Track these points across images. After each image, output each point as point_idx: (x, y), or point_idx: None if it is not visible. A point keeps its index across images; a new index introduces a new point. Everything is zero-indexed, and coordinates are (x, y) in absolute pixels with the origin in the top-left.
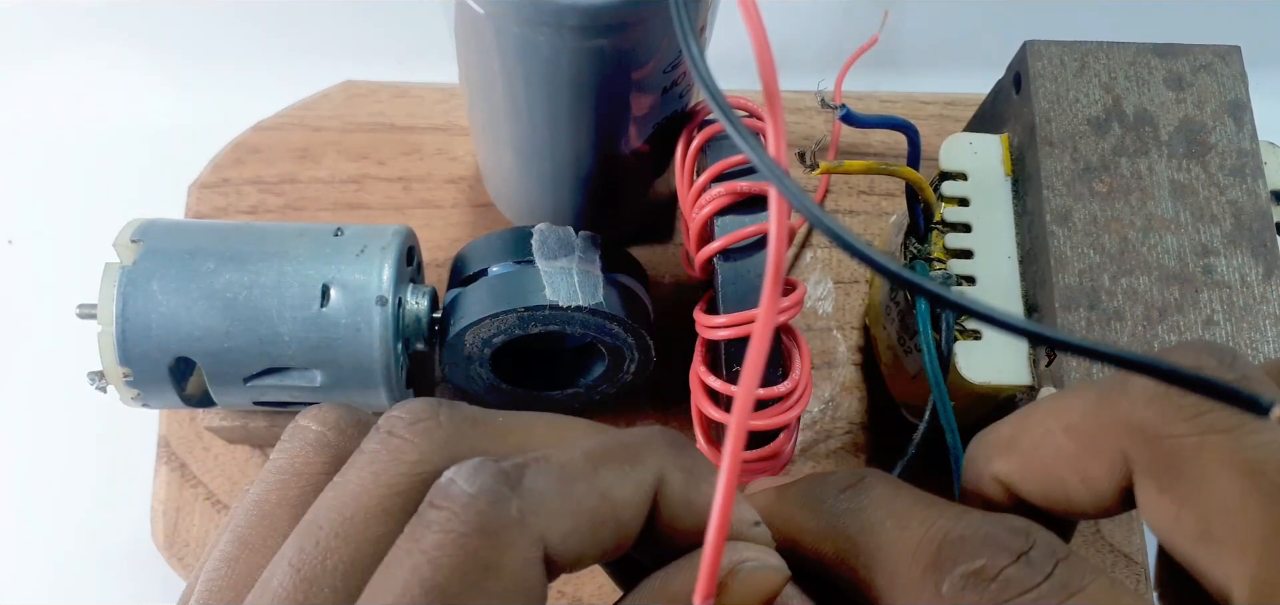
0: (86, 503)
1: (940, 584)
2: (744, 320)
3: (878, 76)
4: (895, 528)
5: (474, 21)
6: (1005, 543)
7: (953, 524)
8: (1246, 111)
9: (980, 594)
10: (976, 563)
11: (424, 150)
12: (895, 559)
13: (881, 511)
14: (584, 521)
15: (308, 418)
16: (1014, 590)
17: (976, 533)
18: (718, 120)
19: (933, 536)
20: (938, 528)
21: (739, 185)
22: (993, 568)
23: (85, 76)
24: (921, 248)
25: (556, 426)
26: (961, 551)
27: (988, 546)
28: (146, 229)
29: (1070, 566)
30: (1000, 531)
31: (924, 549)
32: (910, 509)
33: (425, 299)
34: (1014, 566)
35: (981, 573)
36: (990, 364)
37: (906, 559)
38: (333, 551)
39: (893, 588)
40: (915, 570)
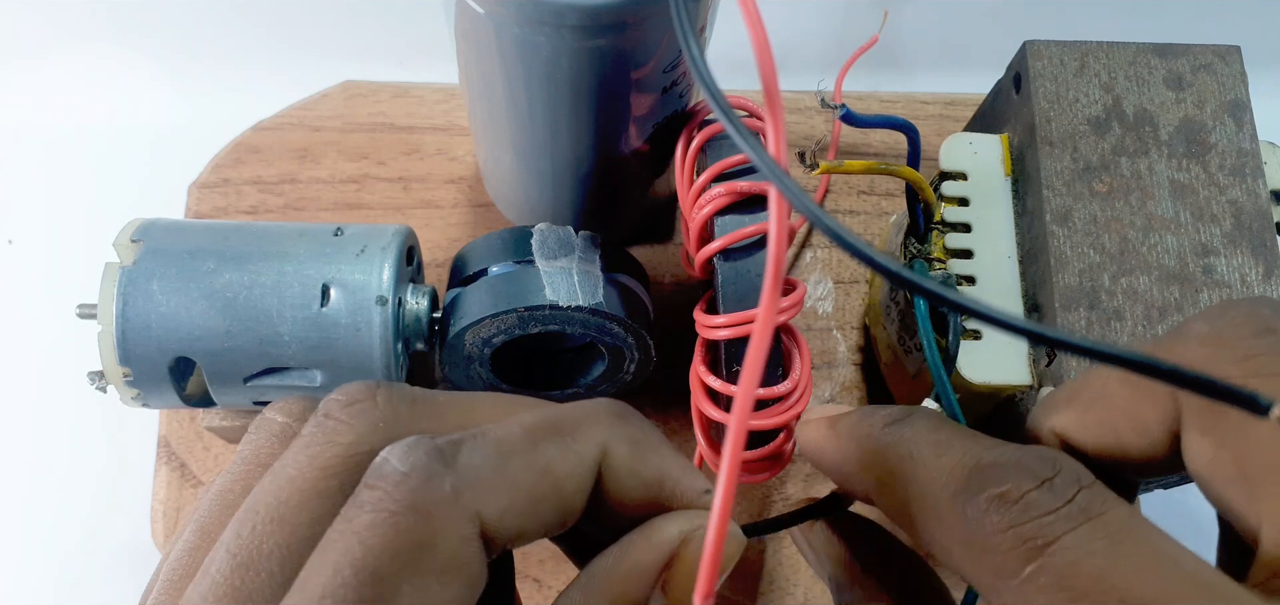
0: (86, 503)
1: (966, 506)
2: (744, 320)
3: (878, 76)
4: (933, 456)
5: (474, 21)
6: (1032, 468)
7: (985, 452)
8: (1246, 111)
9: (1002, 515)
10: (1002, 486)
11: (424, 150)
12: (930, 485)
13: (923, 441)
14: (522, 496)
15: (272, 409)
16: (1034, 512)
17: (1006, 458)
18: (718, 120)
19: (965, 464)
20: (971, 455)
21: (739, 185)
22: (1016, 491)
23: (85, 76)
24: (921, 248)
25: (499, 404)
26: (990, 476)
27: (1014, 471)
28: (147, 229)
29: (1092, 493)
30: (1029, 459)
31: (956, 475)
32: (951, 440)
33: (425, 299)
34: (1037, 491)
35: (1006, 496)
36: (990, 364)
37: (940, 485)
38: (268, 535)
39: (925, 513)
40: (946, 495)
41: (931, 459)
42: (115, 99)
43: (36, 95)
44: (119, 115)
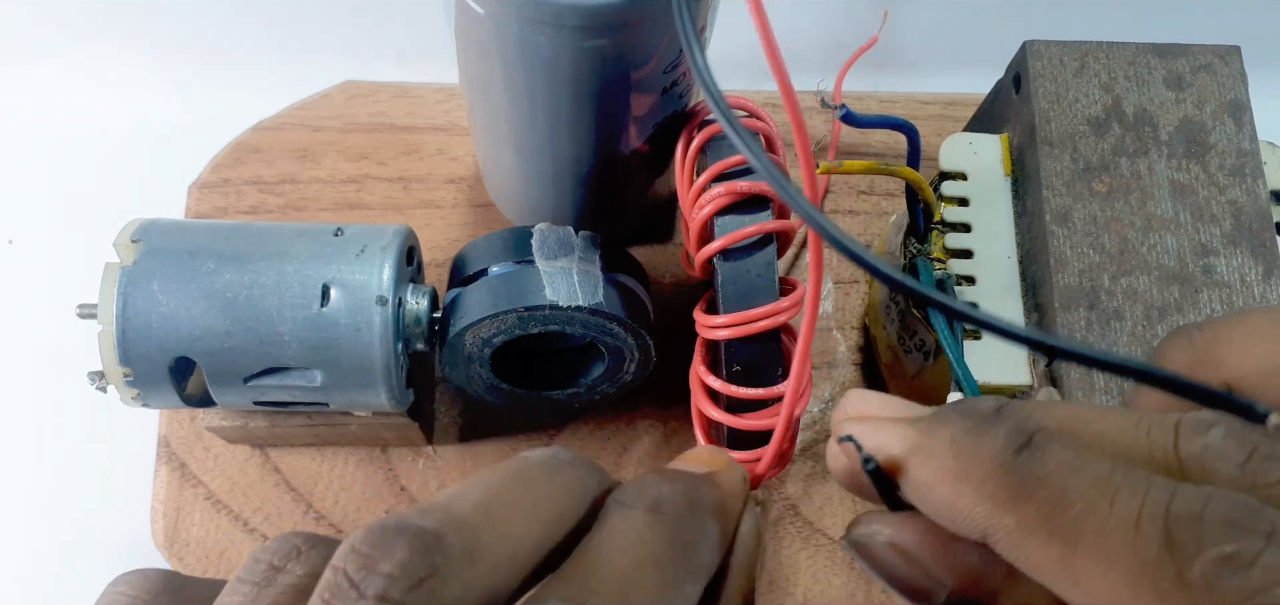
0: (86, 503)
1: (1186, 569)
2: (744, 320)
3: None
4: (1103, 499)
5: (474, 21)
6: (1250, 524)
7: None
8: (1246, 111)
9: (1242, 579)
10: (1225, 545)
11: (424, 150)
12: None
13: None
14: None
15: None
16: (1275, 576)
17: (1211, 511)
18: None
19: (1154, 510)
20: (1155, 502)
21: (739, 185)
22: (1249, 552)
23: (85, 76)
24: (921, 248)
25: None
26: (1204, 531)
27: (1232, 529)
28: (147, 229)
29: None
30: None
31: (1150, 524)
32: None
33: (425, 299)
34: (1269, 551)
35: (1236, 559)
36: (989, 364)
37: (1127, 532)
38: None
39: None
40: (1145, 548)
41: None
42: (115, 99)
43: (36, 95)
44: (119, 115)
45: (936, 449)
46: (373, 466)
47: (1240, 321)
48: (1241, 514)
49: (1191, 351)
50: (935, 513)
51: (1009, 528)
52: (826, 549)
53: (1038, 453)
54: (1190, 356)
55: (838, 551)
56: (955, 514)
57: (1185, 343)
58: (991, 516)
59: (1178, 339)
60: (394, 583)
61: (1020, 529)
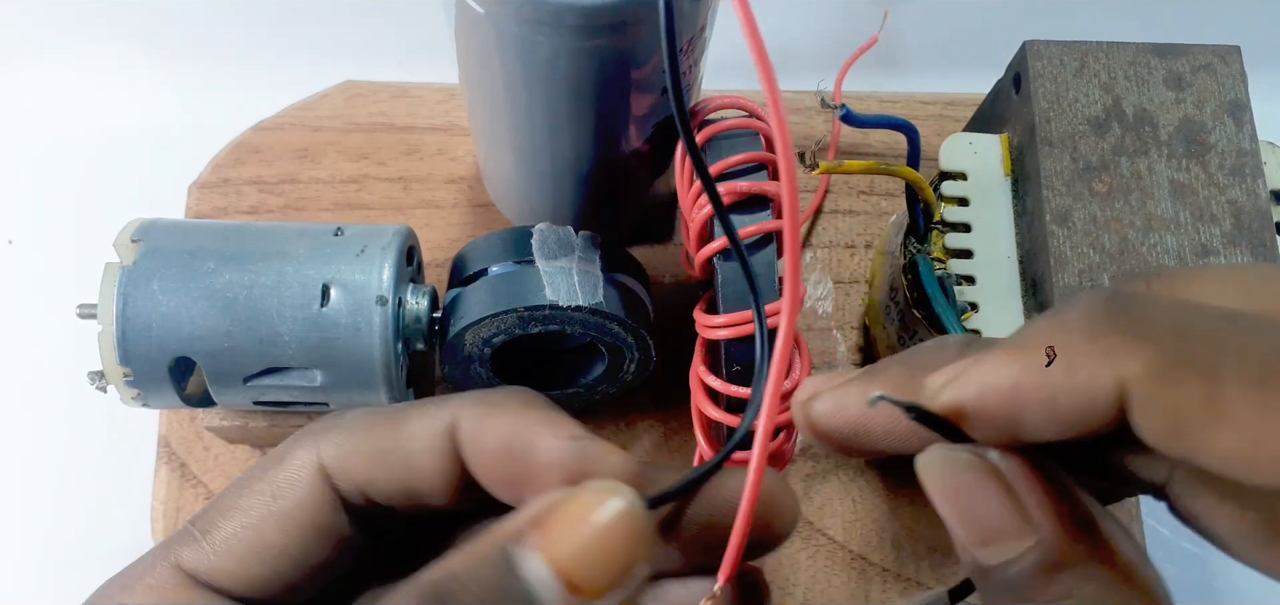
0: (86, 503)
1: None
2: (744, 320)
3: (878, 76)
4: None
5: (474, 21)
6: None
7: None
8: (1246, 111)
9: None
10: None
11: (424, 150)
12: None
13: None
14: (366, 442)
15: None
16: None
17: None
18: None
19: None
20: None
21: (739, 185)
22: None
23: (85, 76)
24: (921, 247)
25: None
26: None
27: None
28: (147, 229)
29: None
30: None
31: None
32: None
33: (425, 299)
34: None
35: None
36: None
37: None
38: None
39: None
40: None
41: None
42: (115, 99)
43: (36, 95)
44: (119, 115)
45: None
46: None
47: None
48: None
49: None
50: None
51: (1140, 376)
52: (826, 549)
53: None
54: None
55: (838, 551)
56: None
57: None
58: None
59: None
60: None
61: (1153, 373)
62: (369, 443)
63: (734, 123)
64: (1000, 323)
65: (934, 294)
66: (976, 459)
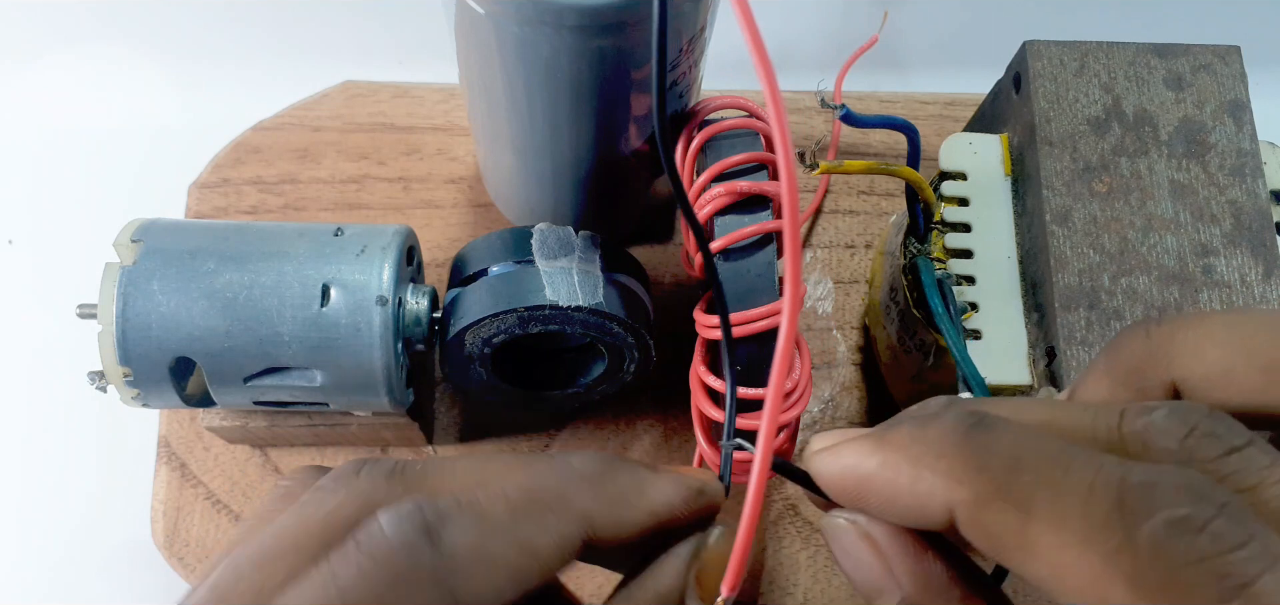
0: (86, 503)
1: (1135, 531)
2: (744, 320)
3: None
4: (1054, 469)
5: (474, 21)
6: (1205, 493)
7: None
8: (1246, 111)
9: (1190, 543)
10: (1181, 511)
11: (424, 150)
12: (1059, 499)
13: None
14: (500, 574)
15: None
16: (1225, 545)
17: (1165, 480)
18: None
19: (1108, 481)
20: (1108, 472)
21: (739, 185)
22: (1199, 518)
23: (85, 76)
24: (921, 247)
25: (478, 468)
26: (1155, 498)
27: (1187, 495)
28: (147, 229)
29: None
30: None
31: (1102, 492)
32: (1062, 449)
33: (425, 299)
34: (1220, 519)
35: (1187, 523)
36: (990, 363)
37: (1079, 498)
38: (246, 575)
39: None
40: (1095, 513)
41: (1055, 472)
42: (115, 99)
43: (36, 95)
44: (119, 115)
45: (893, 443)
46: None
47: (1197, 322)
48: (1197, 483)
49: (1146, 345)
50: (899, 509)
51: (967, 501)
52: (826, 549)
53: (990, 428)
54: (1144, 350)
55: None
56: (916, 499)
57: (1141, 337)
58: (950, 491)
59: (1136, 332)
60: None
61: (977, 501)
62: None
63: (734, 123)
64: (1000, 323)
65: (932, 301)
66: (856, 524)
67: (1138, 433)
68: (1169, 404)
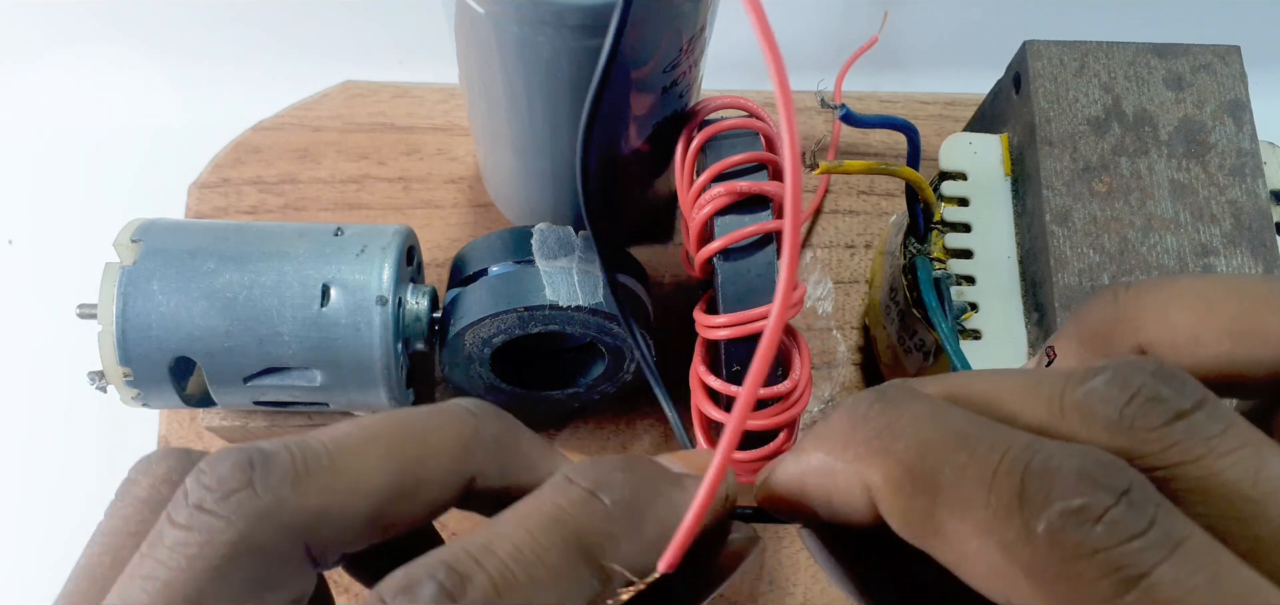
0: (86, 503)
1: (1033, 521)
2: (744, 320)
3: (878, 76)
4: (960, 451)
5: (474, 21)
6: (1104, 480)
7: (1028, 452)
8: (1246, 111)
9: (1084, 536)
10: (1075, 499)
11: (424, 150)
12: (963, 485)
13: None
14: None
15: (137, 470)
16: (1121, 535)
17: (1066, 465)
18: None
19: (1011, 466)
20: (1014, 455)
21: (739, 185)
22: (1096, 507)
23: (85, 76)
24: (921, 247)
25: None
26: (1054, 485)
27: (1084, 483)
28: (147, 229)
29: (1168, 512)
30: (1092, 465)
31: (1004, 479)
32: (967, 428)
33: (425, 299)
34: (1117, 507)
35: (1083, 512)
36: (990, 364)
37: (982, 487)
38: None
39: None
40: (996, 501)
41: (959, 455)
42: (115, 99)
43: (36, 95)
44: (119, 115)
45: (810, 443)
46: None
47: (1166, 286)
48: (1098, 469)
49: (1115, 309)
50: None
51: (877, 485)
52: None
53: (890, 404)
54: (1112, 314)
55: None
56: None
57: (1110, 301)
58: (863, 477)
59: (1103, 297)
60: (208, 494)
61: (886, 484)
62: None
63: (734, 123)
64: (1000, 323)
65: (929, 300)
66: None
67: (1078, 402)
68: (1113, 366)
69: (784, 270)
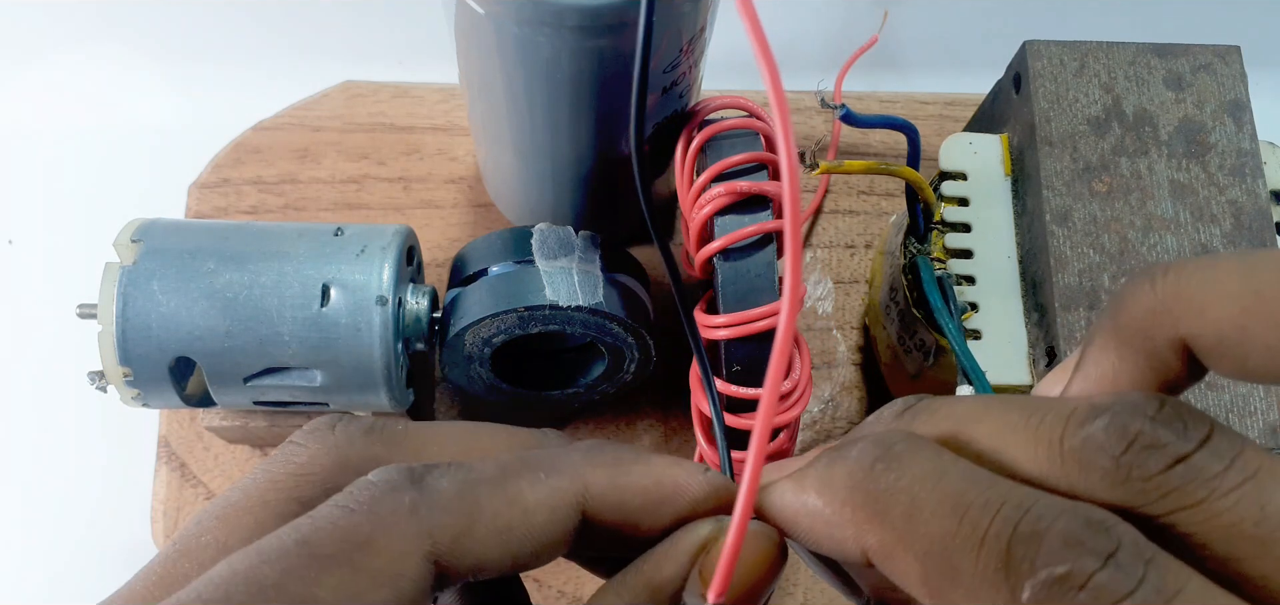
0: (86, 503)
1: (1019, 589)
2: (744, 320)
3: (878, 76)
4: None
5: (474, 22)
6: (1090, 543)
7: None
8: (1246, 111)
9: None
10: (1059, 565)
11: (424, 150)
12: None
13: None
14: (484, 525)
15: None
16: (1107, 599)
17: (1053, 528)
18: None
19: (999, 531)
20: (1002, 520)
21: (739, 185)
22: (1080, 573)
23: (85, 76)
24: (921, 247)
25: (464, 434)
26: (1039, 552)
27: (1069, 548)
28: (147, 229)
29: (1161, 567)
30: (1078, 527)
31: (991, 545)
32: (964, 488)
33: (425, 299)
34: (1103, 571)
35: (1068, 579)
36: (990, 364)
37: (971, 553)
38: (208, 530)
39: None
40: (984, 568)
41: (949, 522)
42: (115, 99)
43: (36, 95)
44: (119, 115)
45: (807, 486)
46: None
47: (1208, 269)
48: (1084, 532)
49: (1153, 299)
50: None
51: (874, 547)
52: None
53: (892, 464)
54: (1151, 304)
55: None
56: (835, 544)
57: (1147, 288)
58: (858, 539)
59: (1140, 285)
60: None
61: (882, 548)
62: (485, 525)
63: (734, 123)
64: (1000, 323)
65: (932, 297)
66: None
67: (1076, 451)
68: (1111, 407)
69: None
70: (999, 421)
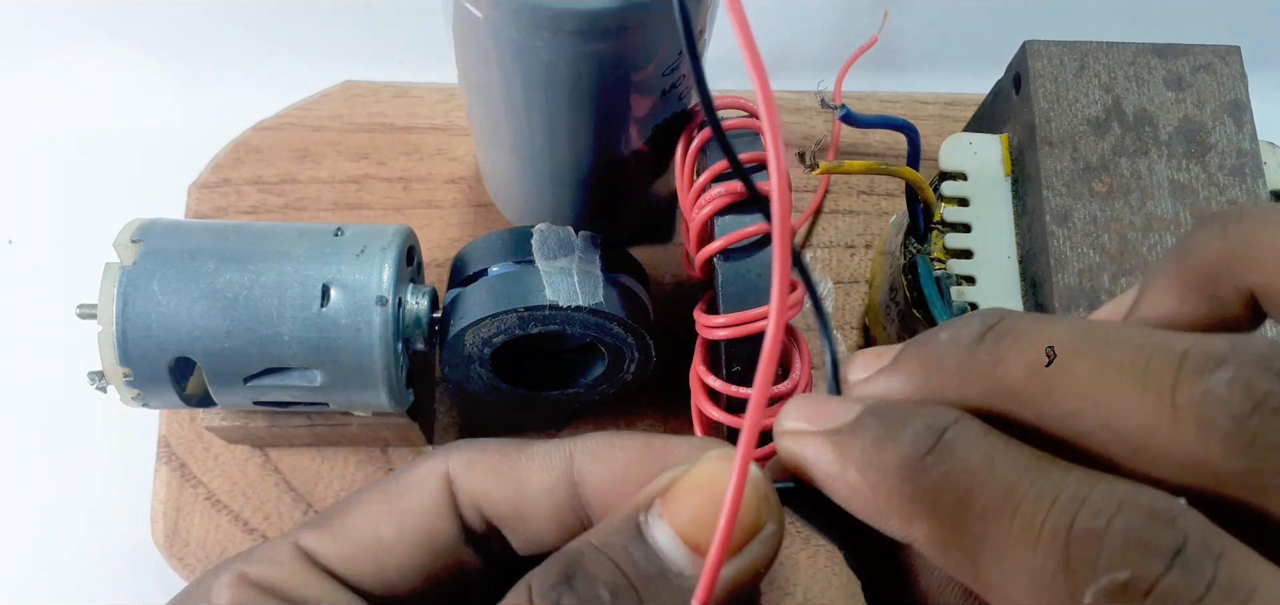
0: (86, 503)
1: (1079, 594)
2: (744, 320)
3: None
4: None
5: (473, 25)
6: (1154, 541)
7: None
8: (1246, 111)
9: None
10: (1123, 575)
11: (424, 150)
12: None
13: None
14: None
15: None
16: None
17: (1113, 525)
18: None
19: (1056, 524)
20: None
21: (738, 185)
22: (1144, 578)
23: (85, 76)
24: (921, 247)
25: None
26: (1100, 552)
27: (1132, 549)
28: (147, 229)
29: (1232, 563)
30: (1140, 523)
31: (1049, 541)
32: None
33: (425, 299)
34: (1170, 575)
35: (1131, 588)
36: None
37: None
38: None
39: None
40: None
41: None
42: (115, 99)
43: (36, 95)
44: (119, 115)
45: (851, 457)
46: (373, 467)
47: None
48: (1146, 528)
49: (1223, 245)
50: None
51: (921, 539)
52: (826, 550)
53: (944, 454)
54: (1220, 251)
55: (837, 552)
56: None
57: (1218, 234)
58: (905, 530)
59: (1210, 228)
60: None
61: (930, 541)
62: (491, 458)
63: (734, 123)
64: None
65: (931, 297)
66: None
67: (1193, 406)
68: (1236, 357)
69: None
70: (1101, 359)
